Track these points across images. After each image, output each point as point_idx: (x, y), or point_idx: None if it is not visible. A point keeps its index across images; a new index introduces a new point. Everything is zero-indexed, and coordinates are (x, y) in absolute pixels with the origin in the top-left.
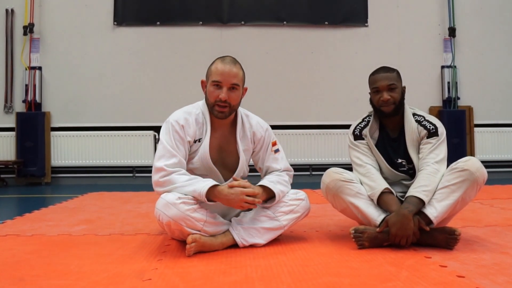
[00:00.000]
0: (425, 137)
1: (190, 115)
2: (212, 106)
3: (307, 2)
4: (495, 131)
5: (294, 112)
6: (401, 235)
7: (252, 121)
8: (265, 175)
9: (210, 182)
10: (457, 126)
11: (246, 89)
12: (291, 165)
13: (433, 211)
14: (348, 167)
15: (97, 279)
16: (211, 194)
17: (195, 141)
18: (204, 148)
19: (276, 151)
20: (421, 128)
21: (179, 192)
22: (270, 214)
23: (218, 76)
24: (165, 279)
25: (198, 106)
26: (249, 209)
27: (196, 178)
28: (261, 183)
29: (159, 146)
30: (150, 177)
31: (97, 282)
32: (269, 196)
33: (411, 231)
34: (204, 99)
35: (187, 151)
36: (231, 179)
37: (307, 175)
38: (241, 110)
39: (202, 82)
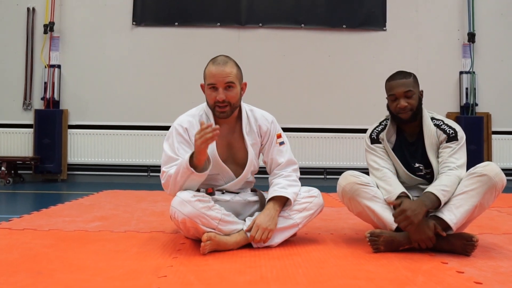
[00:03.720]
0: (444, 141)
1: (194, 117)
2: (213, 108)
3: (325, 5)
4: None
5: (310, 115)
6: (410, 217)
7: (256, 115)
8: (270, 169)
9: (188, 155)
10: (475, 133)
11: (245, 84)
12: (306, 168)
13: (452, 217)
14: (363, 171)
15: (113, 274)
16: (195, 161)
17: None
18: (212, 148)
19: (281, 143)
20: (440, 132)
21: (179, 180)
22: (284, 214)
23: (211, 78)
24: (180, 277)
25: (202, 108)
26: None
27: (180, 160)
28: (272, 194)
29: (162, 154)
30: None
31: (113, 277)
32: (283, 203)
33: (421, 216)
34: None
35: None
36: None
37: (321, 178)
38: (245, 106)
39: (202, 85)
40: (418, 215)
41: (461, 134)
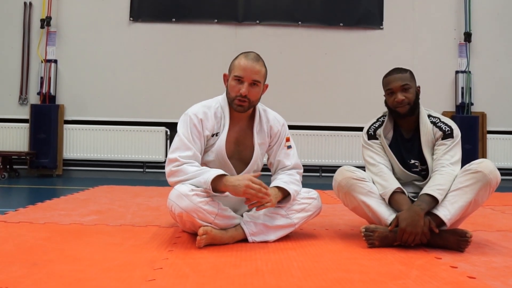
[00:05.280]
0: (440, 139)
1: (210, 109)
2: (232, 100)
3: (322, 3)
4: (508, 138)
5: (306, 112)
6: (409, 231)
7: (269, 116)
8: (275, 170)
9: (218, 171)
10: (470, 132)
11: (267, 86)
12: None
13: (446, 213)
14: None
15: (109, 266)
16: (218, 183)
17: (212, 135)
18: (221, 142)
19: (289, 147)
20: (436, 129)
21: (189, 183)
22: (282, 212)
23: (240, 71)
24: (175, 269)
25: (218, 100)
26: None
27: (205, 168)
28: (274, 184)
29: (175, 138)
30: (160, 173)
31: (108, 268)
32: (284, 196)
33: (421, 228)
34: (224, 93)
35: (203, 146)
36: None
37: (316, 176)
38: (259, 105)
39: (224, 75)
40: (418, 224)
41: (457, 131)
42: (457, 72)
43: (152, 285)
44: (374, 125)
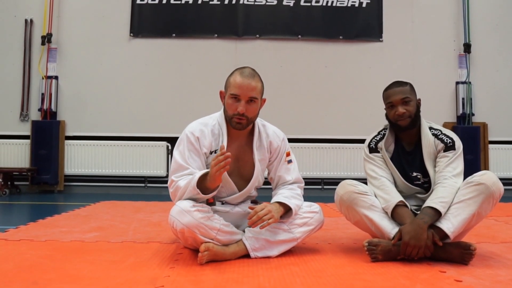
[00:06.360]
0: (442, 151)
1: (206, 126)
2: (230, 118)
3: (321, 17)
4: (510, 148)
5: (307, 125)
6: (413, 245)
7: (268, 131)
8: (276, 185)
9: (199, 174)
10: (471, 143)
11: (264, 100)
12: (303, 178)
13: (449, 226)
14: (361, 181)
15: (110, 284)
16: (204, 182)
17: (211, 152)
18: None
19: (289, 161)
20: (438, 141)
21: (185, 198)
22: (284, 227)
23: (236, 89)
24: (177, 286)
25: (215, 117)
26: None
27: (191, 176)
28: (275, 199)
29: (172, 160)
30: (162, 187)
31: (110, 287)
32: (285, 211)
33: (424, 242)
34: (221, 110)
35: (204, 161)
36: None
37: (319, 189)
38: (258, 120)
39: (221, 92)
40: (422, 237)
41: (459, 143)
42: (457, 83)
43: None
44: (375, 138)
